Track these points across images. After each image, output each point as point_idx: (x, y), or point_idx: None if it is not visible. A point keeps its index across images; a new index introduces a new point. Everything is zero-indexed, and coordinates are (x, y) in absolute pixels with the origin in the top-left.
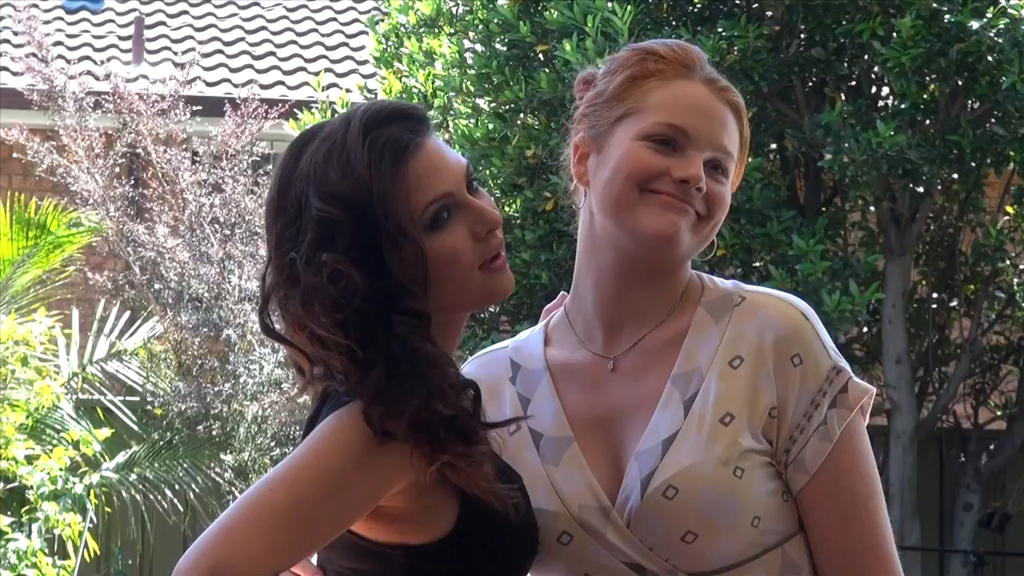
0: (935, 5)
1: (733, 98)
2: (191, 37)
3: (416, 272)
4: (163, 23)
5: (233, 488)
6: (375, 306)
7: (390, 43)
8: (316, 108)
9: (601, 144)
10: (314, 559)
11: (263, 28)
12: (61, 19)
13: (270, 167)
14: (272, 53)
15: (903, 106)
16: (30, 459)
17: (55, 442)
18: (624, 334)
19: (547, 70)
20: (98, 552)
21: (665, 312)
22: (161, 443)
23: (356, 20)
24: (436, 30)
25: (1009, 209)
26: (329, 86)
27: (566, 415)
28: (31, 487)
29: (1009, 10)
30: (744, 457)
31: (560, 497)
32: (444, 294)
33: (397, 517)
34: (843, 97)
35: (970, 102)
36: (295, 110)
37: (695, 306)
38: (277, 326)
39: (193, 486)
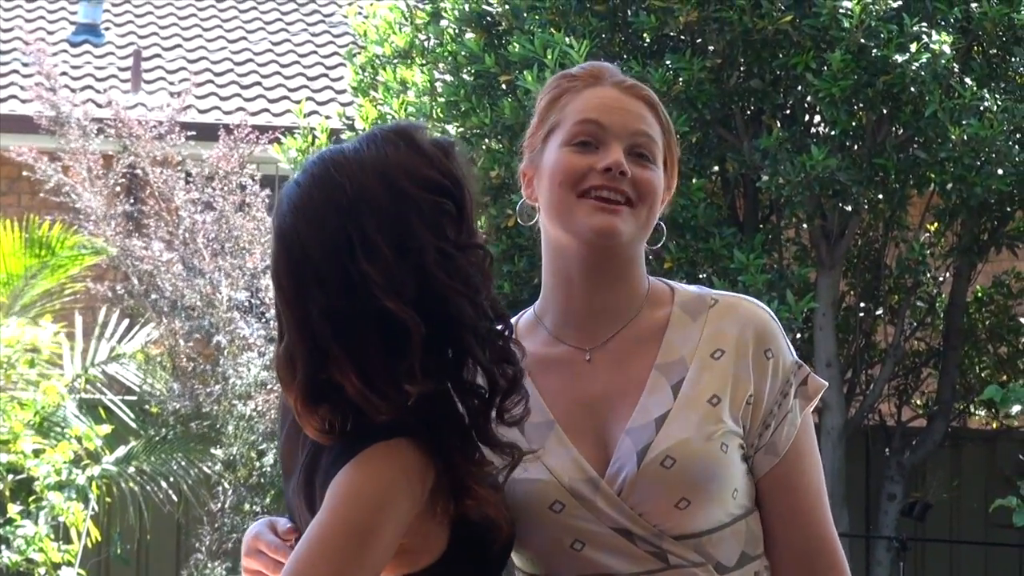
0: (863, 41)
1: (643, 93)
2: (185, 68)
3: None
4: (159, 55)
5: (222, 479)
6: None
7: (367, 73)
8: (299, 133)
9: (538, 163)
10: None
11: (250, 60)
12: (66, 51)
13: (257, 187)
14: (258, 83)
15: (834, 132)
16: (37, 453)
17: (60, 437)
18: (598, 329)
19: (510, 98)
20: (99, 538)
21: (634, 309)
22: (157, 439)
23: (335, 53)
24: (409, 62)
25: (930, 226)
26: (310, 113)
27: (545, 402)
28: (38, 478)
29: (931, 45)
30: (727, 435)
31: (550, 471)
32: None
33: (401, 549)
34: (779, 124)
35: (895, 129)
36: (279, 135)
37: (668, 305)
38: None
39: (186, 478)
